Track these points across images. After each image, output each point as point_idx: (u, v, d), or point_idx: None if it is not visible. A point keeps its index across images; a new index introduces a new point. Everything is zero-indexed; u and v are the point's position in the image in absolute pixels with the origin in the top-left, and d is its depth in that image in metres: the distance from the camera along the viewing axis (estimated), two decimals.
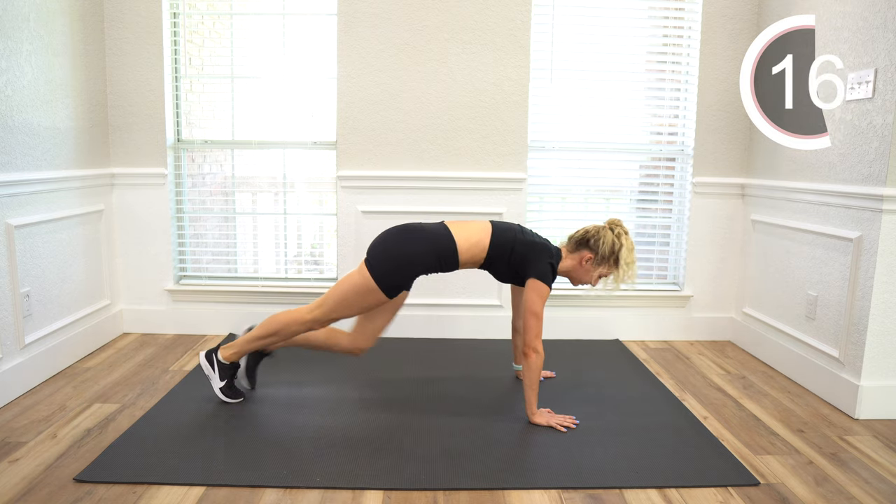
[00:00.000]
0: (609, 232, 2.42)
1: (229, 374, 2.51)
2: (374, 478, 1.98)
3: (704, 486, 1.98)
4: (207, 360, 2.50)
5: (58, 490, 1.88)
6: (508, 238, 2.42)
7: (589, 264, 2.46)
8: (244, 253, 3.61)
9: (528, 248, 2.40)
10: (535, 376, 2.34)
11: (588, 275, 2.48)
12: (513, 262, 2.42)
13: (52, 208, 2.79)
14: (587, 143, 3.45)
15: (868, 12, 2.49)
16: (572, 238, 2.50)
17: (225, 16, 3.38)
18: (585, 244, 2.45)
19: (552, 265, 2.40)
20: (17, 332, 2.56)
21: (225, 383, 2.50)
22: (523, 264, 2.40)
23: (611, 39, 3.37)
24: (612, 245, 2.40)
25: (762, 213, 3.25)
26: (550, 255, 2.41)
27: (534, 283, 2.35)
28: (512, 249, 2.41)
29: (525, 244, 2.41)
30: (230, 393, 2.51)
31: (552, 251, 2.44)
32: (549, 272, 2.37)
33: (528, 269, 2.38)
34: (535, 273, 2.36)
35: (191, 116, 3.45)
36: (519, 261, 2.41)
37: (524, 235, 2.44)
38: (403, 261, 2.36)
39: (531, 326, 2.33)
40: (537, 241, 2.44)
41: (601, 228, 2.45)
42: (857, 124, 2.54)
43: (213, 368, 2.50)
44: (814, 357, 2.79)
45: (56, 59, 2.80)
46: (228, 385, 2.51)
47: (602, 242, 2.41)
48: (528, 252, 2.40)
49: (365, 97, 3.27)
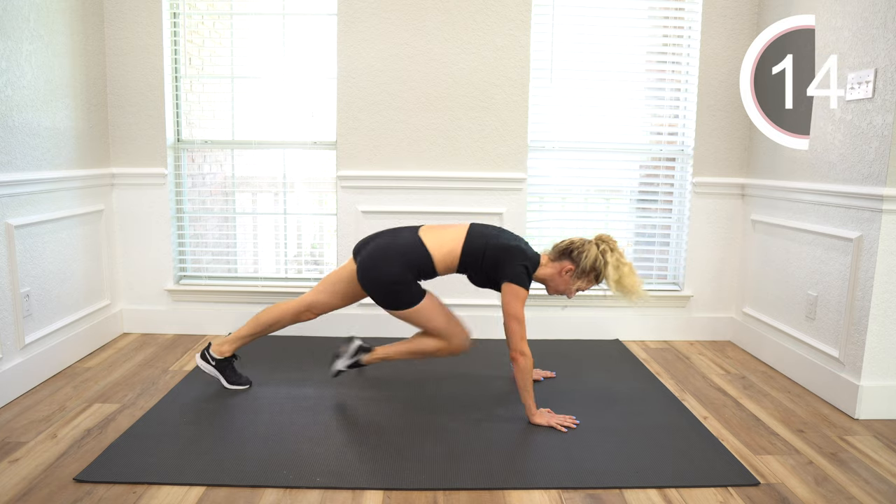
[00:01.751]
0: (594, 247, 2.38)
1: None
2: (374, 478, 1.98)
3: (704, 486, 1.98)
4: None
5: (58, 490, 1.88)
6: (480, 244, 2.39)
7: (568, 276, 2.42)
8: (244, 253, 3.61)
9: (501, 252, 2.36)
10: (528, 379, 2.32)
11: (566, 286, 2.44)
12: (485, 267, 2.39)
13: (52, 208, 2.79)
14: (587, 143, 3.44)
15: (868, 12, 2.49)
16: (557, 247, 2.46)
17: (225, 16, 3.38)
18: (568, 255, 2.41)
19: (526, 267, 2.35)
20: (17, 332, 2.56)
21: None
22: (496, 268, 2.37)
23: (611, 39, 3.37)
24: (594, 260, 2.36)
25: (762, 213, 3.25)
26: (525, 258, 2.36)
27: (509, 286, 2.32)
28: (483, 255, 2.38)
29: (497, 248, 2.37)
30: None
31: (528, 254, 2.40)
32: (523, 274, 2.33)
33: (501, 273, 2.35)
34: (508, 276, 2.32)
35: (191, 116, 3.45)
36: (491, 265, 2.38)
37: (498, 239, 2.40)
38: (389, 287, 2.38)
39: (514, 330, 2.30)
40: (511, 244, 2.39)
41: (587, 242, 2.41)
42: (857, 124, 2.54)
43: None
44: (814, 357, 2.79)
45: (56, 59, 2.80)
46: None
47: (585, 256, 2.37)
48: (500, 255, 2.36)
49: (365, 97, 3.27)
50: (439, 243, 2.41)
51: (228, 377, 2.61)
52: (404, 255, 2.38)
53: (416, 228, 2.49)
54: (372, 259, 2.40)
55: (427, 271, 2.42)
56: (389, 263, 2.37)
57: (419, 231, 2.46)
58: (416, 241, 2.41)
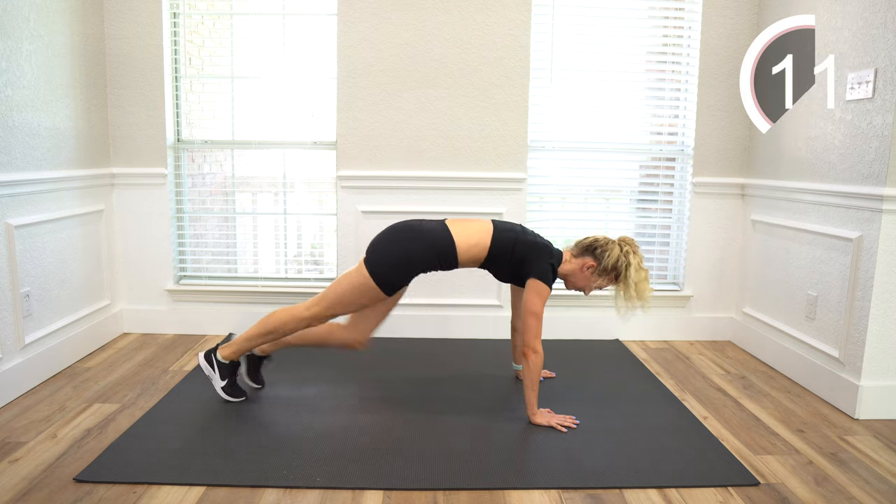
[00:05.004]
0: (618, 247, 2.41)
1: (229, 373, 2.51)
2: (374, 478, 1.98)
3: (704, 486, 1.98)
4: (207, 360, 2.51)
5: (58, 490, 1.88)
6: (510, 238, 2.42)
7: (589, 272, 2.45)
8: (244, 253, 3.61)
9: (529, 248, 2.40)
10: (535, 376, 2.34)
11: (586, 282, 2.48)
12: (513, 262, 2.42)
13: (52, 208, 2.79)
14: (587, 143, 3.45)
15: (868, 12, 2.49)
16: (580, 243, 2.49)
17: (225, 16, 3.38)
18: (591, 252, 2.45)
19: (552, 266, 2.40)
20: (17, 332, 2.56)
21: (226, 382, 2.51)
22: (523, 264, 2.40)
23: (611, 39, 3.37)
24: (616, 260, 2.39)
25: (762, 213, 3.25)
26: (551, 256, 2.41)
27: (534, 283, 2.36)
28: (513, 249, 2.41)
29: (526, 244, 2.41)
30: (232, 392, 2.51)
31: (553, 252, 2.44)
32: (549, 272, 2.37)
33: (529, 268, 2.38)
34: (535, 273, 2.36)
35: (191, 116, 3.45)
36: (519, 261, 2.41)
37: (525, 235, 2.45)
38: (402, 260, 2.37)
39: (531, 326, 2.33)
40: (538, 241, 2.44)
41: (611, 241, 2.44)
42: (857, 124, 2.54)
43: (213, 369, 2.50)
44: (814, 357, 2.79)
45: (56, 59, 2.80)
46: (230, 384, 2.51)
47: (608, 255, 2.40)
48: (528, 252, 2.40)
49: (365, 97, 3.27)
50: (466, 235, 2.42)
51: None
52: (432, 242, 2.38)
53: (442, 220, 2.49)
54: (401, 232, 2.40)
55: (449, 261, 2.41)
56: (415, 242, 2.37)
57: (445, 221, 2.48)
58: (445, 230, 2.42)
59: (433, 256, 2.38)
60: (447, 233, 2.40)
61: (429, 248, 2.37)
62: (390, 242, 2.39)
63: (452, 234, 2.40)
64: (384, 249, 2.38)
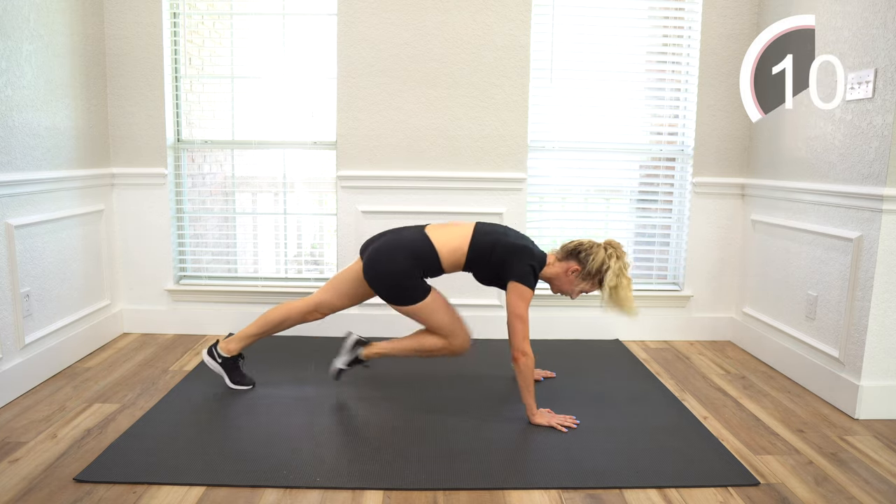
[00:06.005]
0: (602, 250, 2.40)
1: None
2: (374, 478, 1.98)
3: (704, 486, 1.98)
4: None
5: (58, 490, 1.88)
6: (489, 241, 2.41)
7: (573, 276, 2.43)
8: (244, 253, 3.61)
9: (509, 251, 2.38)
10: (529, 379, 2.33)
11: (570, 286, 2.46)
12: (493, 265, 2.41)
13: (52, 208, 2.79)
14: (587, 144, 3.44)
15: (868, 12, 2.49)
16: (565, 247, 2.47)
17: (225, 16, 3.38)
18: (576, 255, 2.43)
19: (533, 267, 2.37)
20: (17, 332, 2.56)
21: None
22: (503, 266, 2.38)
23: (611, 39, 3.37)
24: (600, 263, 2.38)
25: (762, 213, 3.25)
26: (532, 257, 2.38)
27: (514, 285, 2.33)
28: (492, 251, 2.39)
29: (506, 246, 2.39)
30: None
31: (535, 253, 2.42)
32: (529, 274, 2.34)
33: (508, 271, 2.36)
34: (514, 275, 2.34)
35: (191, 116, 3.45)
36: (499, 263, 2.39)
37: (507, 238, 2.42)
38: (395, 281, 2.39)
39: (517, 330, 2.31)
40: (519, 243, 2.41)
41: (595, 244, 2.42)
42: (857, 124, 2.54)
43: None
44: (814, 357, 2.79)
45: (56, 59, 2.80)
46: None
47: (592, 258, 2.38)
48: (508, 254, 2.37)
49: (365, 97, 3.27)
50: (446, 240, 2.42)
51: (233, 377, 2.62)
52: (411, 252, 2.39)
53: (422, 227, 2.50)
54: (379, 254, 2.41)
55: (433, 268, 2.43)
56: (395, 259, 2.38)
57: (425, 229, 2.48)
58: (423, 237, 2.42)
59: (418, 267, 2.40)
60: (427, 240, 2.41)
61: (412, 260, 2.39)
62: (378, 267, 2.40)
63: (433, 240, 2.41)
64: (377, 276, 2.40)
